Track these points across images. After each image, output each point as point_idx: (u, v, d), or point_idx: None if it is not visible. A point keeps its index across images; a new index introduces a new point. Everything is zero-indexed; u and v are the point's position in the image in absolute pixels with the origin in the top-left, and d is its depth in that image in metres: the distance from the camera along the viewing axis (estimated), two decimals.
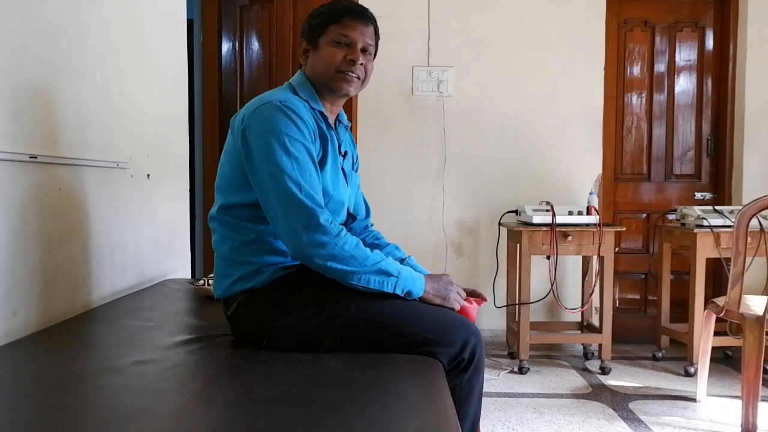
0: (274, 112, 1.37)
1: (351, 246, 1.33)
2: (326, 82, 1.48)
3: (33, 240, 1.55)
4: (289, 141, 1.34)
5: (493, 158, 3.55)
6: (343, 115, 1.64)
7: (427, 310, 1.42)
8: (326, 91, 1.50)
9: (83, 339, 1.50)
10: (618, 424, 2.43)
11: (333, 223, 1.33)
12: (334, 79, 1.47)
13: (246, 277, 1.41)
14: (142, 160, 2.24)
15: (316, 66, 1.49)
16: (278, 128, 1.35)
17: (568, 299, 3.52)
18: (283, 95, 1.43)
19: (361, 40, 1.47)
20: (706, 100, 3.72)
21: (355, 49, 1.46)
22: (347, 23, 1.46)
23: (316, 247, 1.30)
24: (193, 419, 0.98)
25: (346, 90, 1.49)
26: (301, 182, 1.32)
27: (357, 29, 1.47)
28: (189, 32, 2.88)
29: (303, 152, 1.35)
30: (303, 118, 1.38)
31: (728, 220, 2.98)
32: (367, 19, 1.50)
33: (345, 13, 1.47)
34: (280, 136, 1.34)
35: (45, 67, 1.61)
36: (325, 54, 1.46)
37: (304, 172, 1.34)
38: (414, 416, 0.99)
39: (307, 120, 1.39)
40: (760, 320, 2.29)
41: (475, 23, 3.54)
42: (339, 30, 1.46)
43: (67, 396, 1.08)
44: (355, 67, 1.47)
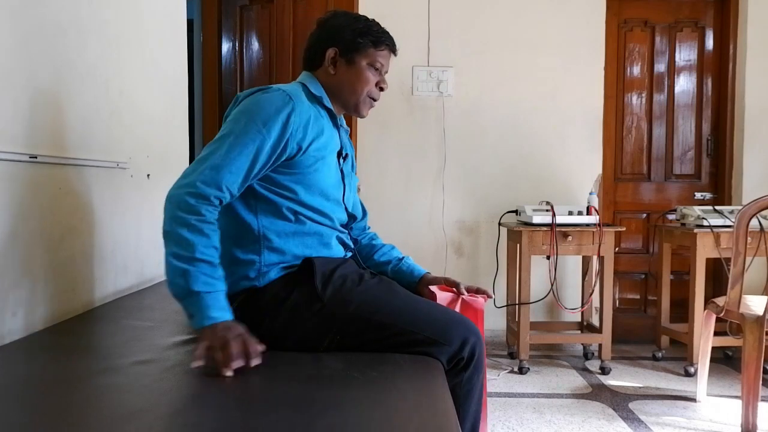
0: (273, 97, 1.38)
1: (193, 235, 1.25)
2: (351, 101, 1.55)
3: (33, 240, 1.55)
4: (252, 127, 1.33)
5: (493, 158, 3.55)
6: (342, 120, 1.67)
7: (427, 309, 1.43)
8: (344, 105, 1.57)
9: (83, 339, 1.50)
10: (618, 424, 2.43)
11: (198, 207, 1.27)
12: (362, 102, 1.56)
13: (247, 276, 1.41)
14: (142, 160, 2.24)
15: (347, 81, 1.53)
16: (258, 109, 1.36)
17: (568, 299, 3.52)
18: (293, 88, 1.44)
19: (387, 68, 1.58)
20: (706, 100, 3.72)
21: (384, 78, 1.57)
22: (385, 54, 1.55)
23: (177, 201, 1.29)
24: (193, 419, 0.98)
25: (365, 114, 1.60)
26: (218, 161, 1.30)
27: (388, 58, 1.57)
28: (189, 32, 2.88)
29: (253, 143, 1.33)
30: (292, 117, 1.37)
31: (728, 220, 2.98)
32: (396, 51, 1.59)
33: (386, 42, 1.55)
34: (254, 116, 1.35)
35: (45, 67, 1.61)
36: (361, 74, 1.52)
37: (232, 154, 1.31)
38: (414, 416, 0.99)
39: (296, 119, 1.38)
40: (760, 320, 2.29)
41: (475, 23, 3.54)
42: (378, 57, 1.53)
43: (67, 396, 1.08)
44: (379, 96, 1.58)
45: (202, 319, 1.21)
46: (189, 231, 1.25)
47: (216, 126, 3.67)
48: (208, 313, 1.22)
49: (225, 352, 1.15)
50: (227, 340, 1.17)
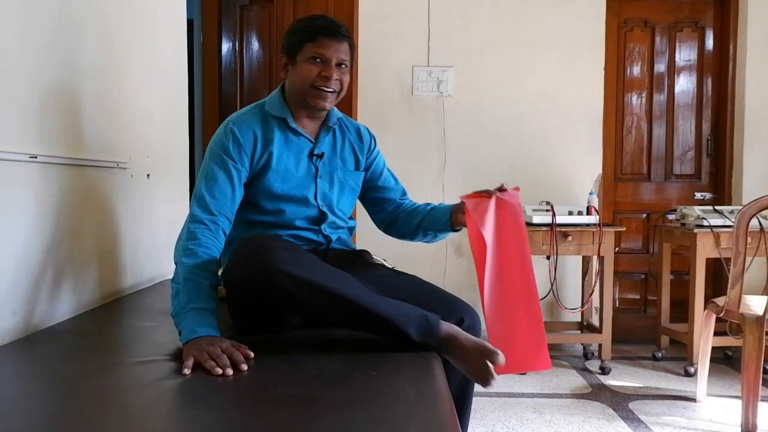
0: (219, 133, 1.60)
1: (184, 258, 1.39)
2: (302, 97, 1.60)
3: (33, 240, 1.55)
4: (215, 158, 1.55)
5: (493, 158, 3.55)
6: (333, 116, 1.71)
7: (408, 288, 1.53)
8: (302, 104, 1.62)
9: (83, 339, 1.50)
10: (618, 424, 2.43)
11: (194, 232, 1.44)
12: (309, 95, 1.59)
13: None
14: (142, 160, 2.24)
15: (294, 81, 1.61)
16: (214, 150, 1.57)
17: (568, 299, 3.52)
18: (237, 116, 1.63)
19: (336, 57, 1.57)
20: (706, 100, 3.72)
21: (330, 65, 1.57)
22: (322, 42, 1.56)
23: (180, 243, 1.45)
24: (193, 419, 0.98)
25: (321, 105, 1.60)
26: (203, 192, 1.51)
27: (332, 47, 1.57)
28: (189, 32, 2.88)
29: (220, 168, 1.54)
30: (239, 141, 1.56)
31: (728, 220, 2.98)
32: (341, 36, 1.59)
33: (320, 31, 1.57)
34: (212, 156, 1.57)
35: (45, 67, 1.61)
36: (302, 70, 1.58)
37: (210, 185, 1.52)
38: (414, 416, 0.99)
39: (242, 140, 1.57)
40: (760, 320, 2.29)
41: (475, 23, 3.54)
42: (315, 48, 1.56)
43: (67, 396, 1.08)
44: (330, 83, 1.58)
45: (187, 334, 1.27)
46: (185, 255, 1.39)
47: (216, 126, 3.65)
48: (192, 327, 1.27)
49: (208, 364, 1.17)
50: (210, 352, 1.19)
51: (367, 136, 1.81)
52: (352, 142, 1.76)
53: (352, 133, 1.77)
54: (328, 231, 1.68)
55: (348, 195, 1.74)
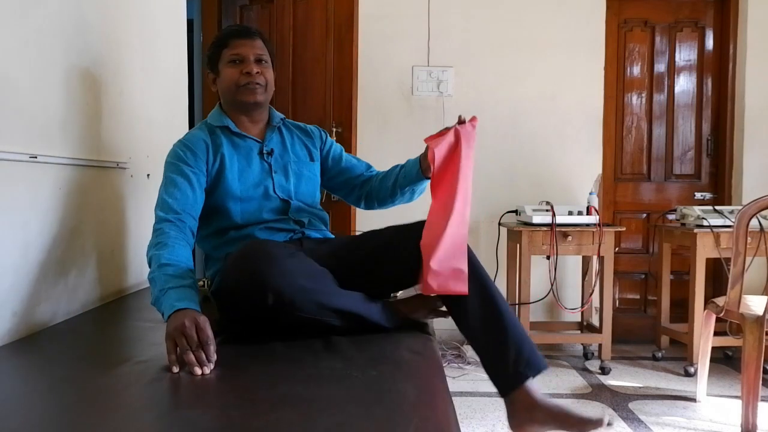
0: (172, 148, 1.69)
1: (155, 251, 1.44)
2: (234, 99, 1.69)
3: (33, 240, 1.55)
4: (171, 167, 1.63)
5: (493, 158, 3.55)
6: (275, 117, 1.79)
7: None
8: (238, 106, 1.70)
9: (83, 339, 1.50)
10: (618, 424, 2.43)
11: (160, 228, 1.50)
12: (239, 94, 1.67)
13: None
14: (142, 160, 2.24)
15: (223, 88, 1.71)
16: (169, 159, 1.67)
17: (568, 299, 3.52)
18: (187, 134, 1.73)
19: (252, 53, 1.66)
20: (706, 100, 3.72)
21: (248, 62, 1.66)
22: (235, 43, 1.66)
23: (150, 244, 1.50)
24: (192, 419, 0.98)
25: (252, 99, 1.67)
26: (163, 197, 1.58)
27: (246, 45, 1.66)
28: (189, 32, 2.88)
29: (177, 174, 1.61)
30: (191, 148, 1.64)
31: (728, 220, 2.98)
32: (252, 34, 1.69)
33: (231, 35, 1.68)
34: (168, 167, 1.65)
35: (45, 67, 1.61)
36: (225, 75, 1.68)
37: (169, 189, 1.59)
38: (414, 416, 0.99)
39: (194, 148, 1.65)
40: (760, 320, 2.29)
41: (475, 23, 3.54)
42: (230, 51, 1.66)
43: (67, 396, 1.08)
44: (253, 77, 1.65)
45: (167, 310, 1.28)
46: (155, 249, 1.44)
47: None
48: (171, 303, 1.28)
49: (187, 357, 1.18)
50: (188, 337, 1.20)
51: (316, 131, 1.88)
52: (301, 138, 1.83)
53: (299, 130, 1.85)
54: (298, 216, 1.72)
55: (306, 184, 1.79)
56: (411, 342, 1.42)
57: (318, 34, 3.53)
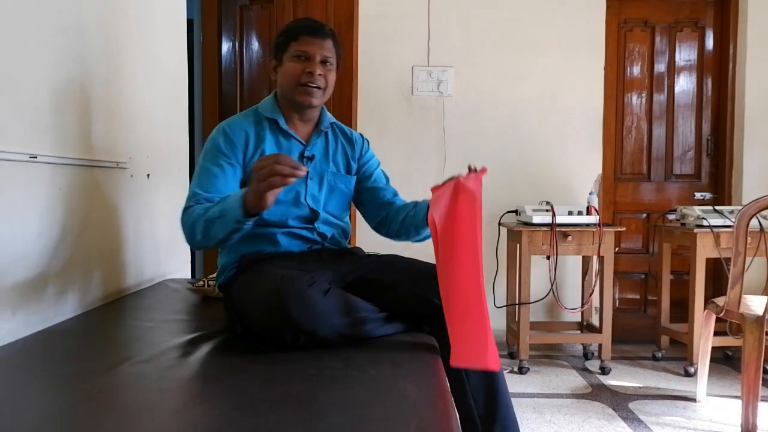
0: (213, 134, 1.65)
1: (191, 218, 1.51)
2: (290, 95, 1.64)
3: (33, 240, 1.55)
4: (207, 156, 1.62)
5: (493, 158, 3.55)
6: (326, 120, 1.74)
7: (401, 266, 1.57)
8: (292, 103, 1.66)
9: (83, 339, 1.50)
10: (618, 424, 2.43)
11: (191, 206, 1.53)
12: (296, 92, 1.63)
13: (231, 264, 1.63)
14: (142, 160, 2.24)
15: (282, 81, 1.66)
16: (206, 149, 1.64)
17: (568, 299, 3.52)
18: (231, 119, 1.69)
19: (319, 54, 1.62)
20: (706, 100, 3.72)
21: (314, 62, 1.61)
22: (305, 40, 1.61)
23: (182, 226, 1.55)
24: (193, 419, 0.98)
25: (308, 101, 1.64)
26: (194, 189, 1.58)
27: (315, 44, 1.61)
28: (189, 32, 2.88)
29: (212, 164, 1.60)
30: (230, 137, 1.62)
31: (728, 220, 2.99)
32: (324, 33, 1.63)
33: (302, 30, 1.62)
34: (205, 155, 1.63)
35: (45, 67, 1.61)
36: (287, 69, 1.63)
37: (202, 180, 1.59)
38: (414, 416, 0.99)
39: (233, 137, 1.62)
40: (760, 320, 2.29)
41: (475, 23, 3.54)
42: (298, 46, 1.61)
43: (67, 396, 1.08)
44: (314, 79, 1.61)
45: (236, 209, 1.36)
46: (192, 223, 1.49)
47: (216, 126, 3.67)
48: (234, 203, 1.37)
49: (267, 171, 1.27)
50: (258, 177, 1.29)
51: (359, 140, 1.83)
52: (344, 146, 1.78)
53: (344, 138, 1.80)
54: (323, 228, 1.70)
55: (338, 198, 1.75)
56: (411, 342, 1.42)
57: None
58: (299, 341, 1.31)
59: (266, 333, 1.35)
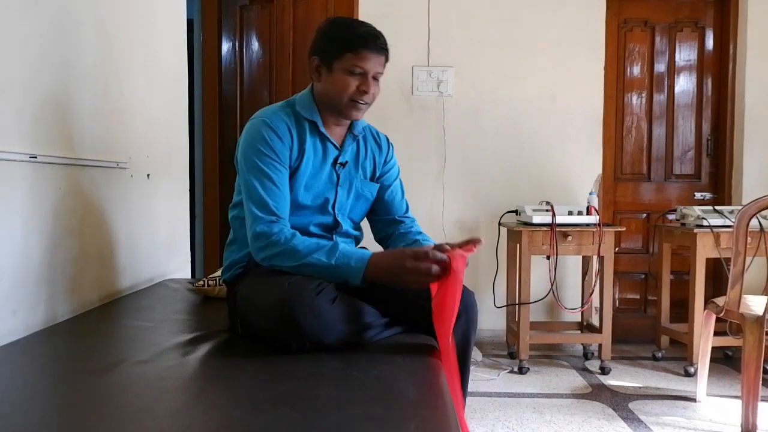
0: (257, 127, 1.53)
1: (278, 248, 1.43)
2: (337, 107, 1.56)
3: (33, 240, 1.55)
4: (261, 160, 1.50)
5: (493, 158, 3.55)
6: (358, 126, 1.67)
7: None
8: (335, 113, 1.58)
9: (83, 339, 1.50)
10: (618, 424, 2.43)
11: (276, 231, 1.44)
12: (345, 107, 1.55)
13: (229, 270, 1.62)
14: (142, 160, 2.24)
15: (328, 89, 1.55)
16: (257, 146, 1.51)
17: (568, 299, 3.52)
18: (270, 112, 1.57)
19: (374, 70, 1.53)
20: (706, 100, 3.72)
21: (368, 79, 1.53)
22: (364, 55, 1.50)
23: (257, 249, 1.46)
24: (193, 419, 0.98)
25: (355, 117, 1.59)
26: (261, 193, 1.47)
27: (372, 60, 1.52)
28: (189, 32, 2.88)
29: (271, 168, 1.50)
30: (278, 133, 1.52)
31: (728, 220, 2.98)
32: (382, 49, 1.54)
33: (362, 44, 1.50)
34: (257, 153, 1.50)
35: (45, 67, 1.61)
36: (340, 81, 1.52)
37: (267, 188, 1.49)
38: (414, 415, 0.99)
39: (280, 133, 1.52)
40: (760, 320, 2.29)
41: (475, 23, 3.54)
42: (355, 60, 1.50)
43: (67, 396, 1.08)
44: (367, 97, 1.54)
45: (356, 277, 1.37)
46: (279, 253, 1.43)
47: (216, 126, 3.68)
48: (352, 266, 1.37)
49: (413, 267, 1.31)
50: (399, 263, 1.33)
51: (385, 146, 1.78)
52: (373, 151, 1.73)
53: (374, 141, 1.75)
54: (338, 240, 1.65)
55: (362, 204, 1.71)
56: (411, 342, 1.42)
57: None
58: (304, 347, 1.30)
59: (272, 340, 1.34)
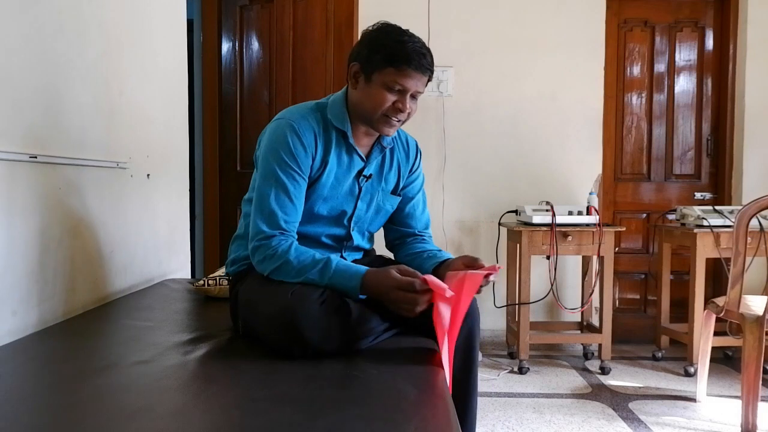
0: (282, 130, 1.47)
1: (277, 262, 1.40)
2: (370, 120, 1.50)
3: (33, 240, 1.55)
4: (281, 168, 1.45)
5: (493, 158, 3.55)
6: (386, 138, 1.59)
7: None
8: (366, 124, 1.52)
9: (83, 339, 1.50)
10: (618, 424, 2.43)
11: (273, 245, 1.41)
12: (378, 122, 1.49)
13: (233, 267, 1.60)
14: (142, 160, 2.24)
15: (363, 100, 1.49)
16: (279, 152, 1.46)
17: (568, 299, 3.52)
18: (299, 115, 1.50)
19: (414, 89, 1.46)
20: (706, 100, 3.72)
21: (406, 97, 1.46)
22: (407, 72, 1.43)
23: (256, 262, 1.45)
24: (193, 419, 0.98)
25: (387, 133, 1.52)
26: (273, 206, 1.44)
27: (414, 78, 1.45)
28: (189, 32, 2.88)
29: (288, 177, 1.45)
30: (302, 141, 1.46)
31: (728, 220, 2.98)
32: (426, 69, 1.46)
33: (407, 61, 1.43)
34: (278, 160, 1.45)
35: (45, 67, 1.61)
36: (376, 94, 1.46)
37: (279, 200, 1.45)
38: (414, 416, 0.99)
39: (305, 141, 1.47)
40: (760, 320, 2.29)
41: (475, 23, 3.54)
42: (396, 76, 1.43)
43: (67, 396, 1.08)
44: (402, 115, 1.48)
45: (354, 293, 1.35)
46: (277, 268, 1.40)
47: (216, 126, 3.68)
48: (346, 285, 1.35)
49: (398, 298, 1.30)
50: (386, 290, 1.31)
51: (414, 154, 1.72)
52: (399, 161, 1.67)
53: (402, 150, 1.68)
54: (347, 253, 1.64)
55: (382, 217, 1.68)
56: (411, 342, 1.42)
57: (318, 34, 3.53)
58: (306, 355, 1.29)
59: (275, 346, 1.33)
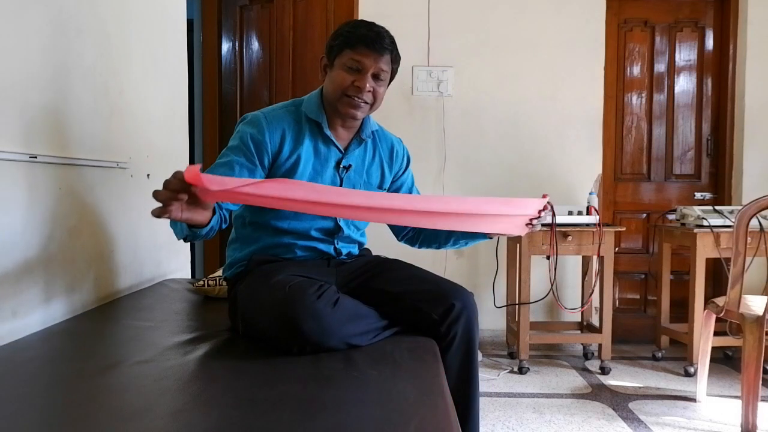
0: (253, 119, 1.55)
1: None
2: (333, 103, 1.56)
3: (33, 240, 1.55)
4: (237, 143, 1.52)
5: (493, 158, 3.55)
6: (367, 128, 1.66)
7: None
8: (334, 111, 1.58)
9: (83, 339, 1.50)
10: (618, 424, 2.43)
11: None
12: (340, 102, 1.54)
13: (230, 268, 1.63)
14: (142, 160, 2.24)
15: (328, 86, 1.57)
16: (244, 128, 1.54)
17: (568, 299, 3.52)
18: (271, 109, 1.59)
19: (374, 67, 1.51)
20: (706, 100, 3.72)
21: (365, 75, 1.51)
22: (361, 51, 1.50)
23: None
24: (193, 419, 0.98)
25: (351, 114, 1.55)
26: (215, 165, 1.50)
27: (370, 57, 1.50)
28: (189, 32, 2.88)
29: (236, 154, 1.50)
30: (261, 137, 1.52)
31: (728, 220, 2.99)
32: (383, 48, 1.51)
33: (360, 40, 1.50)
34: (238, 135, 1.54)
35: (45, 67, 1.61)
36: (336, 76, 1.53)
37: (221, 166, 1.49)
38: (414, 416, 0.99)
39: (263, 137, 1.52)
40: (760, 320, 2.29)
41: (475, 23, 3.54)
42: (352, 56, 1.50)
43: (67, 396, 1.08)
44: (362, 94, 1.52)
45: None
46: None
47: (216, 126, 3.68)
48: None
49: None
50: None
51: (401, 156, 1.76)
52: (382, 156, 1.71)
53: (385, 147, 1.73)
54: (341, 245, 1.65)
55: None
56: (411, 342, 1.43)
57: (318, 34, 3.53)
58: (305, 350, 1.30)
59: (273, 342, 1.34)
